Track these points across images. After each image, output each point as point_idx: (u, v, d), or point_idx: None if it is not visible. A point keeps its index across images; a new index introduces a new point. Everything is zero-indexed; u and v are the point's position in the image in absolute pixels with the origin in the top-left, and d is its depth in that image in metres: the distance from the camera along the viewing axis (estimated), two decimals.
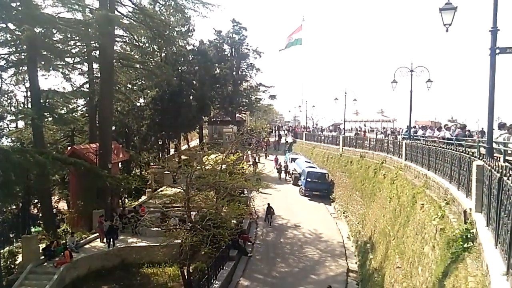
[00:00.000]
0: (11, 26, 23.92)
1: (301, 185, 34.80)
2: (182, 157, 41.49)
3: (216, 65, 52.66)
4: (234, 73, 56.03)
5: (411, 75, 21.62)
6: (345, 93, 37.49)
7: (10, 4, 23.14)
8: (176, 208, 22.42)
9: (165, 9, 33.36)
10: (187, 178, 19.27)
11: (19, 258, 21.17)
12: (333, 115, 73.63)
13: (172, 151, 56.00)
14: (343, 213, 28.95)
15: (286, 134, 64.06)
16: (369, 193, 23.91)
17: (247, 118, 69.47)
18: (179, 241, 18.42)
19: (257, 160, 42.92)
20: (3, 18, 22.06)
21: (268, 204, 28.36)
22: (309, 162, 38.84)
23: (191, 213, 19.94)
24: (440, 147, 13.88)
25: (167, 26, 33.10)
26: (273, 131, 63.51)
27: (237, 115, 60.89)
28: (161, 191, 31.13)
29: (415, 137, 21.79)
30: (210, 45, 52.91)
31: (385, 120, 48.94)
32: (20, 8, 23.10)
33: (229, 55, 56.17)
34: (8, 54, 26.01)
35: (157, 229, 21.70)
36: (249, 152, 42.53)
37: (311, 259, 22.49)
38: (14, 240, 32.91)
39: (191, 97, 46.24)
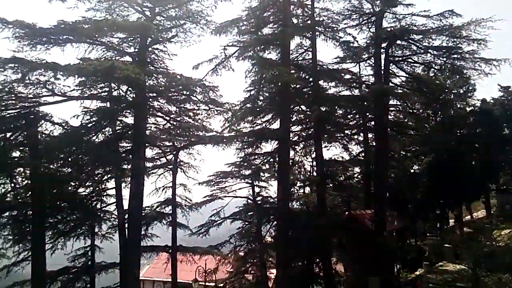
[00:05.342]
0: (303, 107, 28.87)
1: None
2: (465, 229, 36.97)
3: (504, 124, 45.60)
4: None
5: None
6: None
7: (303, 90, 28.22)
8: None
9: (440, 73, 32.19)
10: (474, 255, 16.85)
11: None
12: None
13: (451, 222, 50.75)
14: None
15: None
16: None
17: None
18: None
19: None
20: (298, 102, 26.95)
21: None
22: None
23: None
24: None
25: (443, 90, 31.85)
26: None
27: None
28: (441, 266, 28.30)
29: None
30: (495, 103, 46.68)
31: None
32: (310, 92, 27.79)
33: None
34: (299, 131, 31.09)
35: None
36: None
37: None
38: None
39: (473, 162, 41.36)
